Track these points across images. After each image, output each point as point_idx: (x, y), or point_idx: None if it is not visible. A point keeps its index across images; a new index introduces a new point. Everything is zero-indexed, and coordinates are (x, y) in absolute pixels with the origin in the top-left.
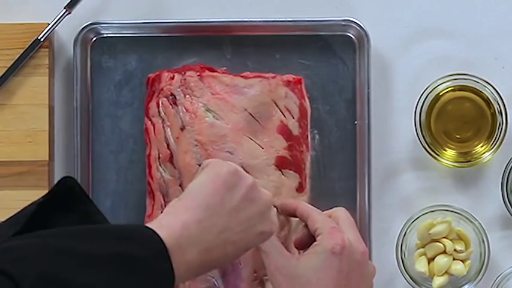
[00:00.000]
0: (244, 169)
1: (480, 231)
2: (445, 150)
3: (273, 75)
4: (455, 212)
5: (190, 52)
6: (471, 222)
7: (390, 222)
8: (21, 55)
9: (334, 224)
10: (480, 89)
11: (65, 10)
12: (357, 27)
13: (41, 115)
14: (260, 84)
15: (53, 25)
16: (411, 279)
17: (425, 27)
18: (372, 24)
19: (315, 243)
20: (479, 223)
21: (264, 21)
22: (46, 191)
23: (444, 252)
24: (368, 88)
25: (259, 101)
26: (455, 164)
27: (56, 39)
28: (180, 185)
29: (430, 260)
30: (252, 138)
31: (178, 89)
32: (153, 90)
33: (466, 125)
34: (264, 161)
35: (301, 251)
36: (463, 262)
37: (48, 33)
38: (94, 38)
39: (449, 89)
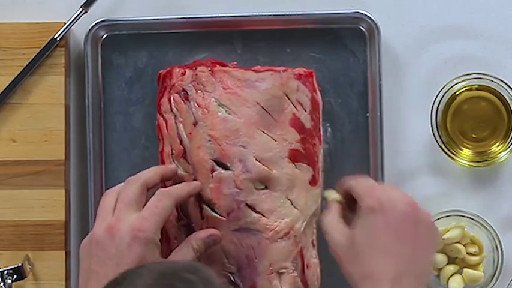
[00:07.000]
0: (258, 162)
1: (494, 238)
2: (461, 149)
3: (284, 68)
4: (469, 218)
5: (201, 48)
6: (485, 228)
7: None
8: (37, 54)
9: (371, 185)
10: (496, 89)
11: (81, 9)
12: (367, 20)
13: (57, 114)
14: (272, 77)
15: (69, 24)
16: None
17: (442, 26)
18: (388, 24)
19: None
20: (493, 229)
21: (274, 15)
22: (62, 191)
23: (457, 257)
24: (379, 80)
25: (271, 95)
26: (471, 164)
27: (72, 38)
28: (194, 180)
29: (444, 263)
30: (265, 131)
31: (190, 85)
32: (165, 86)
33: (482, 125)
34: (278, 153)
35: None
36: (476, 268)
37: (64, 32)
38: (104, 36)
39: (466, 88)
